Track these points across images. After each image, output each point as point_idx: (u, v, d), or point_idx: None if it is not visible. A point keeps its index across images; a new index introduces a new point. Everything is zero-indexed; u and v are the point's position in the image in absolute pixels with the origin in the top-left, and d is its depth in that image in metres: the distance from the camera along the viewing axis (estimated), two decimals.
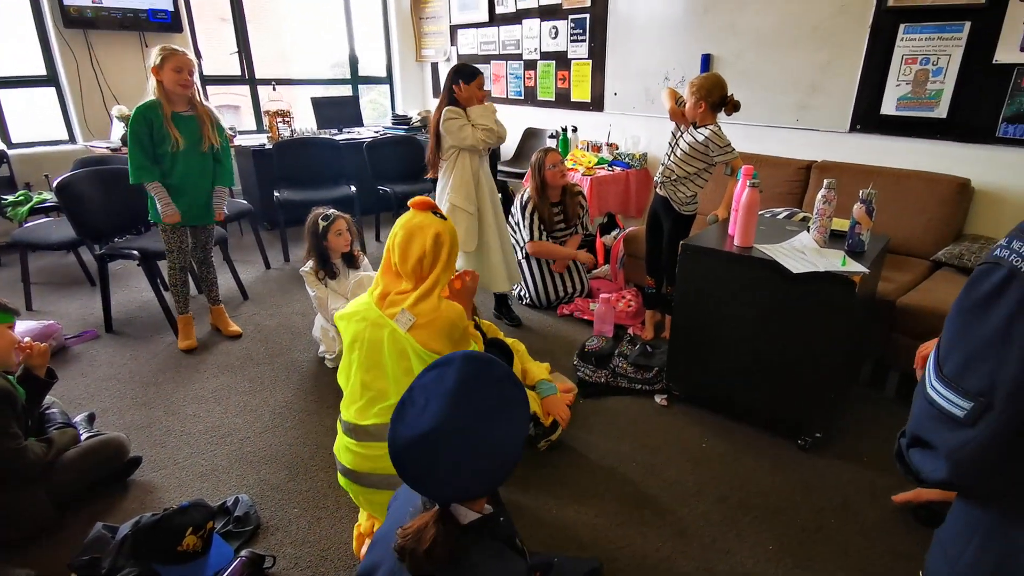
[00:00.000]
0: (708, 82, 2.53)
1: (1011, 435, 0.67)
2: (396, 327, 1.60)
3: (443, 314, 1.63)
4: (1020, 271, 0.64)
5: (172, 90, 2.61)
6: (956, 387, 0.71)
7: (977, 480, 0.74)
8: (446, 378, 1.04)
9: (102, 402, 2.52)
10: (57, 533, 1.83)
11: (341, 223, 2.80)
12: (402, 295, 1.65)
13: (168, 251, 2.86)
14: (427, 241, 1.62)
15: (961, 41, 2.72)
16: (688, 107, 2.58)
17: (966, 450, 0.70)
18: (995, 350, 0.67)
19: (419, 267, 1.64)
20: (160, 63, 2.56)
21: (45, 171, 4.20)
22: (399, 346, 1.60)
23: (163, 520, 1.67)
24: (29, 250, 3.43)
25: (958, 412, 0.71)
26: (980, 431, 0.69)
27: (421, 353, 1.58)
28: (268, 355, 2.93)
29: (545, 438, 2.17)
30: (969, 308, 0.71)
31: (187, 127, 2.68)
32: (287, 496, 1.99)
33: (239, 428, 2.35)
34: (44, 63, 4.49)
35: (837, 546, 1.80)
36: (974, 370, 0.70)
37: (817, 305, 2.02)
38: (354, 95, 5.85)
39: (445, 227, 1.66)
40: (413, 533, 1.02)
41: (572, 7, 4.44)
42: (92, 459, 1.95)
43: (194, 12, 5.00)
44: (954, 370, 0.72)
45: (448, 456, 0.99)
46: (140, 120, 2.59)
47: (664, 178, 2.72)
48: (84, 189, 3.07)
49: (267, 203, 4.66)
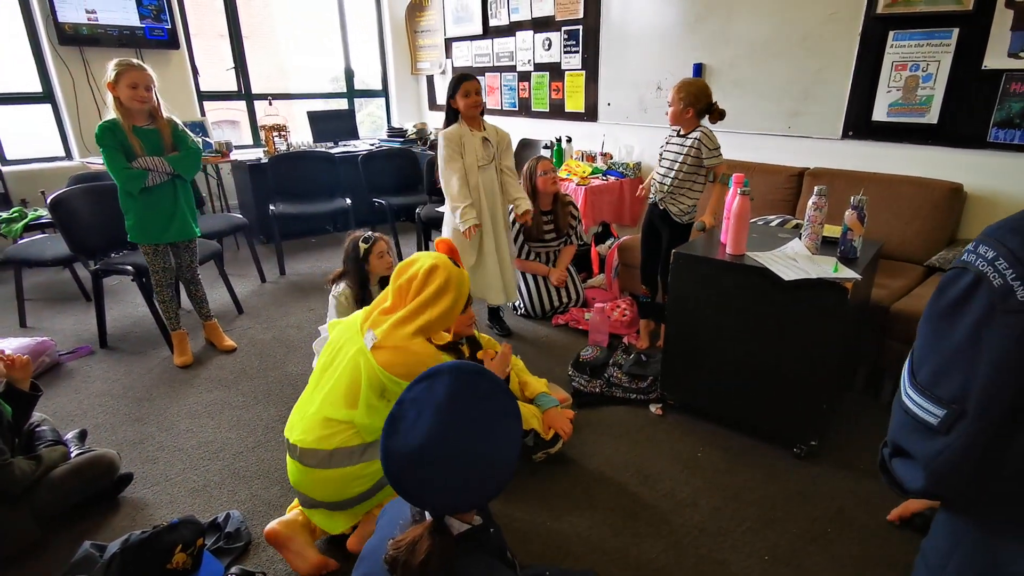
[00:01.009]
0: (695, 87, 2.55)
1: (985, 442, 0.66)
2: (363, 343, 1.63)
3: (412, 348, 1.62)
4: (986, 276, 0.64)
5: (129, 105, 2.56)
6: (929, 395, 0.71)
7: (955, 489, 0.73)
8: (436, 389, 1.04)
9: (95, 418, 2.51)
10: (42, 552, 1.81)
11: (383, 244, 2.61)
12: (384, 315, 1.66)
13: (152, 271, 2.84)
14: (423, 267, 1.63)
15: (950, 47, 2.74)
16: (674, 112, 2.59)
17: (941, 458, 0.70)
18: (965, 357, 0.66)
19: (406, 287, 1.65)
20: (115, 79, 2.50)
21: (41, 187, 4.21)
22: (356, 360, 1.63)
23: (152, 538, 1.65)
24: (24, 267, 3.43)
25: (932, 420, 0.70)
26: (954, 439, 0.68)
27: (377, 373, 1.60)
28: (262, 369, 2.92)
29: (543, 450, 2.15)
30: (938, 314, 0.71)
31: (149, 140, 2.64)
32: (279, 512, 1.97)
33: (232, 443, 2.34)
34: (39, 80, 4.53)
35: (832, 555, 1.78)
36: (946, 377, 0.69)
37: (810, 312, 2.01)
38: (350, 108, 5.88)
39: (451, 270, 1.66)
40: (406, 546, 1.02)
41: (565, 18, 4.47)
42: (82, 476, 1.93)
43: (194, 29, 5.06)
44: (927, 378, 0.72)
45: (443, 469, 0.99)
46: (107, 135, 2.54)
47: (661, 191, 2.73)
48: (78, 205, 3.07)
49: (263, 217, 4.68)
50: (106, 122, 2.56)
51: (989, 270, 0.63)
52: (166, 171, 2.69)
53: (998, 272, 0.62)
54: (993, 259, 0.63)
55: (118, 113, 2.56)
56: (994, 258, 0.63)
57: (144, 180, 2.63)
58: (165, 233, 2.79)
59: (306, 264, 4.56)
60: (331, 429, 1.66)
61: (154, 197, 2.71)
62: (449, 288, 1.65)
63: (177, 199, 2.79)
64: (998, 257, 0.62)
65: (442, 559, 1.00)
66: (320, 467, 1.66)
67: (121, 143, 2.57)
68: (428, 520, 1.04)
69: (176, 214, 2.79)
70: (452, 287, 1.65)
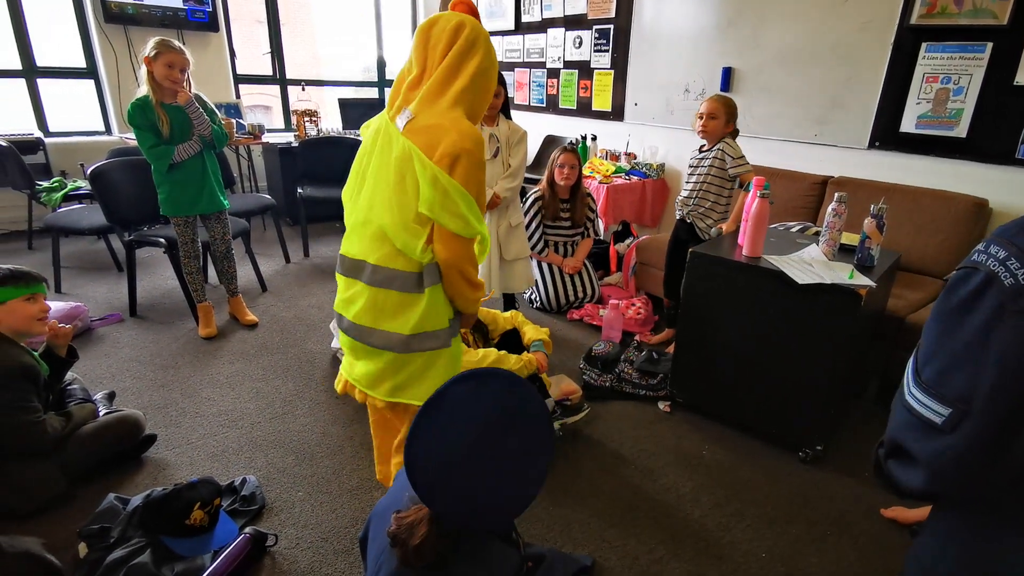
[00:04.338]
0: (731, 101, 2.67)
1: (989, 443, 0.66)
2: (398, 131, 1.38)
3: (453, 124, 1.33)
4: (997, 276, 0.63)
5: (161, 83, 2.66)
6: (935, 393, 0.70)
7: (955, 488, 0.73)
8: (483, 399, 1.02)
9: (122, 382, 2.61)
10: (68, 505, 1.90)
11: None
12: (413, 90, 1.42)
13: (181, 243, 2.96)
14: (449, 25, 1.38)
15: (983, 61, 2.71)
16: (716, 126, 2.65)
17: (945, 457, 0.69)
18: (973, 356, 0.66)
19: (434, 45, 1.38)
20: (154, 56, 2.62)
21: (80, 160, 4.36)
22: (405, 154, 1.36)
23: (173, 494, 1.74)
24: (61, 235, 3.57)
25: (937, 419, 0.69)
26: (958, 438, 0.67)
27: (427, 166, 1.32)
28: (283, 345, 3.01)
29: (567, 417, 2.21)
30: (947, 313, 0.70)
31: (176, 116, 2.74)
32: (293, 480, 2.05)
33: (250, 413, 2.42)
34: (84, 56, 4.68)
35: (830, 559, 1.80)
36: (952, 376, 0.68)
37: (822, 317, 2.03)
38: (380, 97, 5.97)
39: (479, 26, 1.40)
40: (407, 525, 1.04)
41: (597, 17, 4.49)
42: (109, 434, 2.02)
43: (233, 14, 5.18)
44: (932, 376, 0.71)
45: (461, 485, 0.98)
46: (137, 113, 2.65)
47: (687, 205, 2.81)
48: (116, 178, 3.19)
49: (290, 199, 4.78)
50: (137, 100, 2.67)
51: (1000, 270, 0.62)
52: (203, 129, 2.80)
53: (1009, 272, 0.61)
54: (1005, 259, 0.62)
55: (150, 86, 2.67)
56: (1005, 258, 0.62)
57: (171, 156, 2.75)
58: (194, 206, 2.90)
59: (330, 248, 4.65)
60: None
61: (183, 173, 2.83)
62: (480, 42, 1.39)
63: (205, 172, 2.91)
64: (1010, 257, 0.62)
65: (434, 548, 1.01)
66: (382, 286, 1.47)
67: (150, 120, 2.69)
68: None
69: (204, 187, 2.91)
70: (482, 42, 1.40)
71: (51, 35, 4.57)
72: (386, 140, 1.41)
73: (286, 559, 1.73)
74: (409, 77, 1.43)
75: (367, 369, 1.53)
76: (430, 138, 1.34)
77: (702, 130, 2.69)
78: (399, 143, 1.37)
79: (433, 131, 1.34)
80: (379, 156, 1.43)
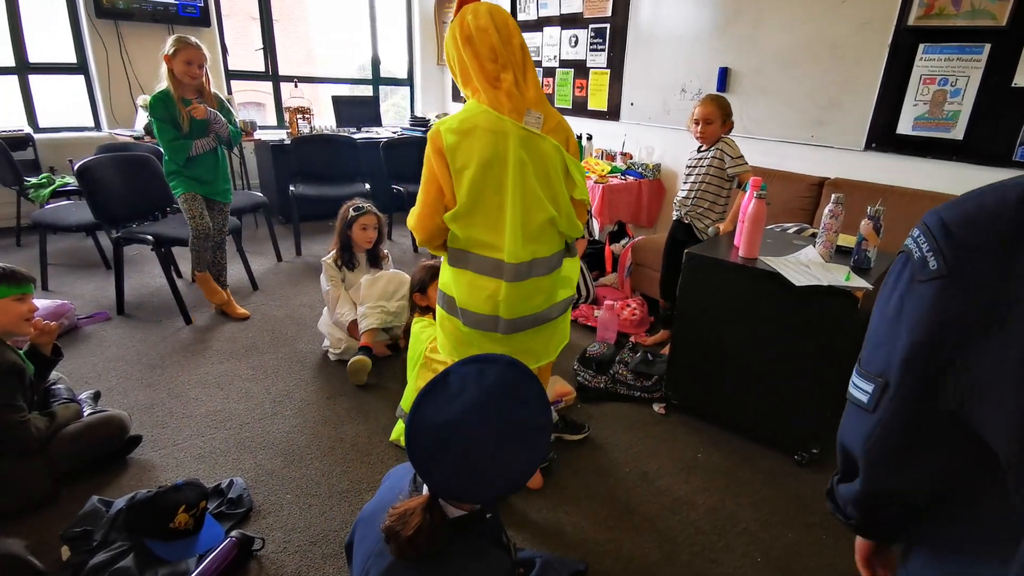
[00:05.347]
0: (725, 101, 2.67)
1: (907, 416, 0.67)
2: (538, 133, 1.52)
3: (562, 118, 1.60)
4: (912, 253, 0.67)
5: (181, 79, 2.77)
6: (863, 372, 0.73)
7: (886, 484, 0.72)
8: (487, 375, 1.05)
9: (108, 381, 2.57)
10: (53, 505, 1.86)
11: (370, 219, 2.78)
12: (518, 88, 1.53)
13: (190, 217, 2.99)
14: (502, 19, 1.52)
15: (980, 63, 2.70)
16: (714, 129, 2.65)
17: (872, 439, 0.71)
18: (892, 330, 0.68)
19: (511, 50, 1.51)
20: (173, 53, 2.73)
21: (69, 156, 4.30)
22: (552, 153, 1.55)
23: (157, 497, 1.70)
24: (48, 231, 3.52)
25: (864, 398, 0.72)
26: (880, 413, 0.69)
27: (573, 162, 1.57)
28: (273, 344, 2.96)
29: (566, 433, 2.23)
30: (881, 298, 0.73)
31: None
32: (281, 482, 2.01)
33: (239, 413, 2.38)
34: (75, 51, 4.62)
35: (825, 563, 1.78)
36: (877, 352, 0.71)
37: (819, 320, 2.01)
38: (375, 95, 5.93)
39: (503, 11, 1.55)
40: (399, 515, 1.03)
41: (593, 16, 4.47)
42: (93, 435, 1.98)
43: (225, 9, 5.12)
44: (864, 356, 0.74)
45: (462, 451, 0.99)
46: (159, 106, 2.76)
47: (685, 206, 2.79)
48: (104, 174, 3.14)
49: (283, 197, 4.73)
50: (159, 93, 2.77)
51: (913, 247, 0.66)
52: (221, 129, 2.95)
53: (919, 247, 0.66)
54: (916, 236, 0.67)
55: (170, 83, 2.76)
56: (917, 236, 0.67)
57: (189, 150, 2.86)
58: (207, 188, 3.04)
59: (322, 246, 4.60)
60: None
61: (199, 168, 2.95)
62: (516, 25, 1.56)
63: (218, 167, 3.05)
64: (920, 235, 0.66)
65: (429, 538, 1.01)
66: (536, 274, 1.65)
67: (171, 113, 2.78)
68: (424, 495, 1.06)
69: (218, 176, 3.06)
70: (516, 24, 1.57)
71: (43, 30, 4.51)
72: (522, 143, 1.52)
73: (273, 563, 1.69)
74: (505, 76, 1.52)
75: (543, 341, 1.81)
76: (560, 134, 1.58)
77: (700, 136, 2.71)
78: (545, 143, 1.55)
79: (560, 127, 1.59)
80: (521, 159, 1.53)
